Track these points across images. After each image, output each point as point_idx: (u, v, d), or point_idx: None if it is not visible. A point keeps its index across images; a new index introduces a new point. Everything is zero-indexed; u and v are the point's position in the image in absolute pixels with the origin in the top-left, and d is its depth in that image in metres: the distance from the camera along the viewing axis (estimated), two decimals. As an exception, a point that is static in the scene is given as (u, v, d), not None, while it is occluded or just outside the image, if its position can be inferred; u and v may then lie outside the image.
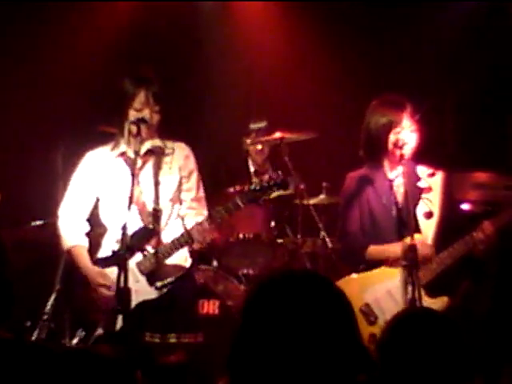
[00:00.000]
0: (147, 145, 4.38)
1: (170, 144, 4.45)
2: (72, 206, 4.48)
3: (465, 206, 5.27)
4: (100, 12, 6.38)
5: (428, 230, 4.38)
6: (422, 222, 4.37)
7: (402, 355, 2.45)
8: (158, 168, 4.40)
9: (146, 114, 4.26)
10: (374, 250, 4.46)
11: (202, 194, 4.51)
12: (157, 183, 4.37)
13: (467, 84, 6.20)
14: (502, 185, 5.29)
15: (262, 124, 6.09)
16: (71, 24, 6.28)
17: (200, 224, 4.20)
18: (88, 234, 4.48)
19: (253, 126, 6.15)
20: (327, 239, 5.42)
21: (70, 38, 6.26)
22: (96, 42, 6.30)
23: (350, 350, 1.91)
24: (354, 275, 4.47)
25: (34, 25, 6.19)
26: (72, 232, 4.45)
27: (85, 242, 4.45)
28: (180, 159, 4.44)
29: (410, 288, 4.11)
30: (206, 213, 4.36)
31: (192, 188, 4.46)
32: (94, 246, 4.45)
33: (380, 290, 4.37)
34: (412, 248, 4.14)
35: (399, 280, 4.33)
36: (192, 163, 4.48)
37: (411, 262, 4.14)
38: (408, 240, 4.22)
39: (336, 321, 1.92)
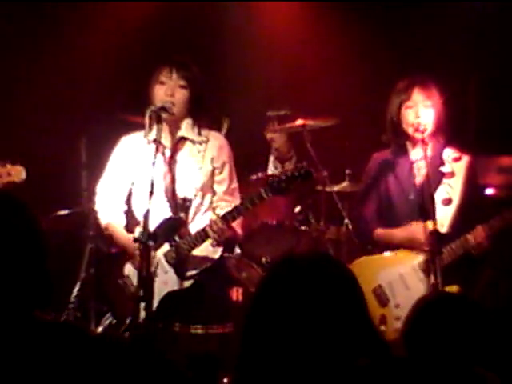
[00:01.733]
0: (180, 132, 4.35)
1: (204, 132, 4.39)
2: (109, 184, 4.46)
3: (489, 191, 5.23)
4: (125, 4, 6.40)
5: (444, 217, 4.29)
6: (439, 208, 4.28)
7: (430, 339, 2.46)
8: (189, 156, 4.36)
9: (169, 87, 4.24)
10: (381, 233, 4.50)
11: (234, 185, 4.45)
12: (188, 172, 4.34)
13: (491, 66, 6.14)
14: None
15: (281, 112, 6.05)
16: (98, 14, 6.30)
17: (214, 222, 4.16)
18: (126, 214, 4.46)
19: (270, 112, 6.12)
20: (351, 226, 5.40)
21: (96, 28, 6.28)
22: (122, 32, 6.31)
23: (361, 330, 1.92)
24: (364, 258, 4.52)
25: (61, 16, 6.22)
26: (106, 210, 4.44)
27: (119, 221, 4.41)
28: (213, 150, 4.37)
29: (431, 274, 4.11)
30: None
31: (224, 180, 4.40)
32: (130, 227, 4.42)
33: (393, 273, 4.36)
34: (433, 234, 4.12)
35: (412, 265, 4.33)
36: (225, 155, 4.40)
37: (433, 247, 4.12)
38: (414, 225, 4.27)
39: (347, 302, 1.94)
